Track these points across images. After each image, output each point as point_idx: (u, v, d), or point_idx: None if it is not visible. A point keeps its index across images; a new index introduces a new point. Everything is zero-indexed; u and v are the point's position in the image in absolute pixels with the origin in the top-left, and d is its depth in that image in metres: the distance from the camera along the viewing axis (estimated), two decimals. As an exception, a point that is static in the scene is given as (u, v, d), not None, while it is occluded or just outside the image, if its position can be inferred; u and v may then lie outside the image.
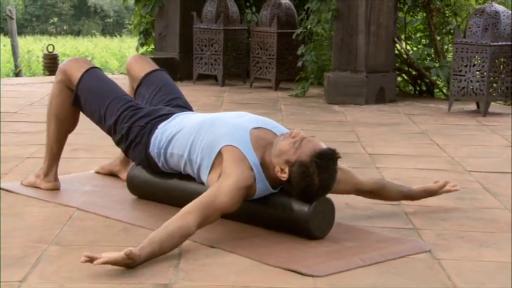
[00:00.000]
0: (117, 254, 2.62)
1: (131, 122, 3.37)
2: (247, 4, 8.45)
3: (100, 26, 34.26)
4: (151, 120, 3.36)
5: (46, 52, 10.60)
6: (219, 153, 3.08)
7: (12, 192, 3.62)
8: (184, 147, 3.22)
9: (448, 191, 3.57)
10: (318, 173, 2.93)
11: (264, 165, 3.05)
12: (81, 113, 3.64)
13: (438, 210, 3.58)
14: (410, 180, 4.11)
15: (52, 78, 8.87)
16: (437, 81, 7.85)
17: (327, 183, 2.98)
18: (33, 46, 20.63)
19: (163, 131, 3.31)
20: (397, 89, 7.52)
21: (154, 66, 3.72)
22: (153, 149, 3.32)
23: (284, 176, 2.98)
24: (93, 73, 3.51)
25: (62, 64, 3.60)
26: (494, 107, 6.92)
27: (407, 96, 7.66)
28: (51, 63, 10.19)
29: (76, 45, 22.76)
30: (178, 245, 2.81)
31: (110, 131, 3.44)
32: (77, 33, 31.83)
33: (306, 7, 7.46)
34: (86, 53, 20.41)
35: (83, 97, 3.48)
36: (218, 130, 3.13)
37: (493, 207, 3.68)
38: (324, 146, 2.98)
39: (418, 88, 7.96)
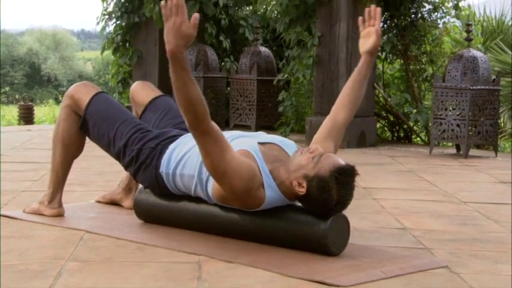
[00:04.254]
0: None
1: (141, 144, 3.36)
2: (226, 53, 8.52)
3: (53, 94, 34.30)
4: (161, 141, 3.35)
5: (22, 103, 10.56)
6: None
7: (16, 218, 3.56)
8: (194, 166, 3.21)
9: (377, 31, 3.31)
10: (337, 188, 2.94)
11: (276, 179, 3.04)
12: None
13: (444, 233, 3.60)
14: (411, 209, 4.14)
15: (29, 127, 8.91)
16: (415, 127, 7.96)
17: (345, 199, 2.98)
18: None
19: (172, 151, 3.30)
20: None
21: (159, 92, 3.73)
22: (162, 170, 3.30)
23: (302, 191, 2.98)
24: (101, 97, 3.50)
25: (69, 89, 3.58)
26: (472, 151, 7.01)
27: (386, 142, 7.75)
28: (26, 113, 10.15)
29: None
30: (200, 102, 2.84)
31: (119, 154, 3.42)
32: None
33: (286, 54, 7.55)
34: (43, 117, 20.38)
35: (91, 121, 3.47)
36: None
37: (497, 231, 3.70)
38: (342, 162, 2.99)
39: (396, 134, 8.05)
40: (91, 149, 3.83)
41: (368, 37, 3.34)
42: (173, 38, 2.74)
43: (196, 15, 2.75)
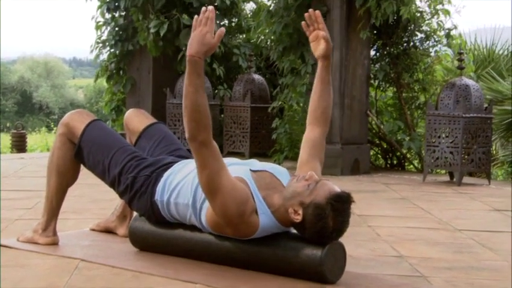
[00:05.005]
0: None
1: (136, 172, 3.35)
2: (219, 81, 8.53)
3: (44, 122, 34.23)
4: (156, 169, 3.35)
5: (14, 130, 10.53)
6: None
7: (10, 247, 3.54)
8: (188, 195, 3.20)
9: (324, 37, 3.30)
10: (333, 216, 2.93)
11: (270, 206, 3.04)
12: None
13: (440, 261, 3.59)
14: (407, 237, 4.14)
15: (21, 155, 8.88)
16: (408, 155, 7.96)
17: (341, 227, 2.97)
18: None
19: (166, 179, 3.30)
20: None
21: (153, 120, 3.73)
22: (157, 198, 3.29)
23: (298, 218, 2.97)
24: (96, 125, 3.49)
25: (64, 117, 3.57)
26: (466, 178, 7.02)
27: (380, 169, 7.75)
28: (19, 141, 10.12)
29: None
30: (205, 112, 2.94)
31: (114, 182, 3.41)
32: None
33: (280, 81, 7.57)
34: (35, 145, 20.36)
35: (86, 149, 3.46)
36: None
37: (493, 259, 3.69)
38: (338, 189, 2.99)
39: (389, 161, 8.06)
40: (85, 176, 3.81)
41: (318, 41, 3.35)
42: (196, 44, 2.88)
43: (222, 29, 2.88)
